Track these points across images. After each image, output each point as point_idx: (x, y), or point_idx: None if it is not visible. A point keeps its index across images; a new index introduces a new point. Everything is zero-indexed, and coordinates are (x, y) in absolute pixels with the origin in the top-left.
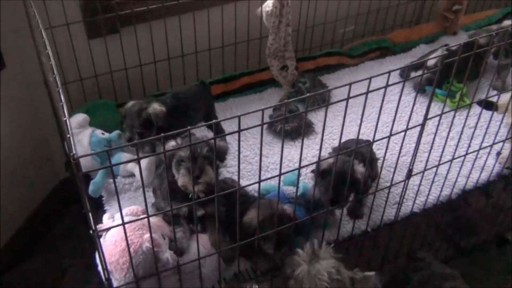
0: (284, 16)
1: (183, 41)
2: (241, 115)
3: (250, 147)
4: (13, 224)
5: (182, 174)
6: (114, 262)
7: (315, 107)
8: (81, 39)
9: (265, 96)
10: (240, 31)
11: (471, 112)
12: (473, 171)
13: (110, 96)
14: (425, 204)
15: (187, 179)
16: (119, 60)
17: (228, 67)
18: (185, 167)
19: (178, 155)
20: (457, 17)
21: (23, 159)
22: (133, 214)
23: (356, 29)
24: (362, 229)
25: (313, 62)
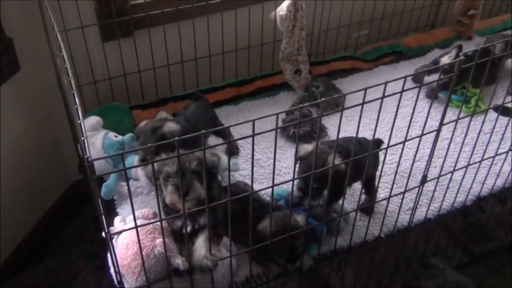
0: (298, 20)
1: (196, 45)
2: (255, 119)
3: (262, 151)
4: (25, 226)
5: (170, 191)
6: (126, 265)
7: (330, 111)
8: (95, 42)
9: (278, 100)
10: (253, 35)
11: (486, 118)
12: (488, 177)
13: (124, 99)
14: (439, 210)
15: (175, 197)
16: (132, 63)
17: (241, 70)
18: (172, 184)
19: (164, 171)
20: (472, 22)
21: (36, 161)
22: (144, 217)
23: (370, 33)
24: (375, 235)
25: (327, 66)
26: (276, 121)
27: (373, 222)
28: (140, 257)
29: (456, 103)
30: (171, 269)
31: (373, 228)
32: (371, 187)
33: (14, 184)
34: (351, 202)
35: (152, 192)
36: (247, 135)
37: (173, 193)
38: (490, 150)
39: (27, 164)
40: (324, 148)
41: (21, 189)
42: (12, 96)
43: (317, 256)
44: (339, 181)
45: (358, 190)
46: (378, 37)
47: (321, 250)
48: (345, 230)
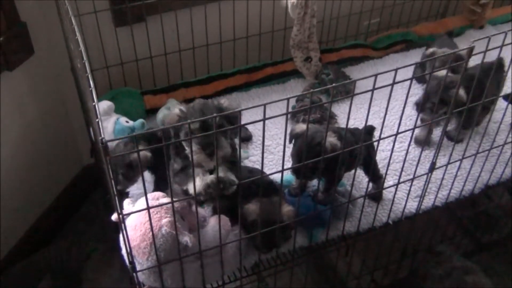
0: (309, 7)
1: (208, 31)
2: (266, 104)
3: (272, 137)
4: (38, 208)
5: (196, 151)
6: (135, 246)
7: (340, 97)
8: (108, 27)
9: (288, 87)
10: (264, 22)
11: (497, 107)
12: (497, 166)
13: (135, 84)
14: (447, 198)
15: (202, 156)
16: (144, 49)
17: (252, 57)
18: (197, 143)
19: (185, 126)
20: (484, 11)
21: (49, 145)
22: (154, 199)
23: (381, 21)
24: (383, 221)
25: (337, 54)
26: (287, 105)
27: (381, 209)
28: (148, 237)
29: None
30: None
31: (381, 215)
32: (375, 174)
33: (27, 168)
34: (359, 189)
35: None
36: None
37: (199, 153)
38: (500, 139)
39: (40, 148)
40: (321, 128)
41: (34, 173)
42: (25, 80)
43: (324, 241)
44: (333, 162)
45: (366, 177)
46: (389, 25)
47: (329, 235)
48: (353, 215)
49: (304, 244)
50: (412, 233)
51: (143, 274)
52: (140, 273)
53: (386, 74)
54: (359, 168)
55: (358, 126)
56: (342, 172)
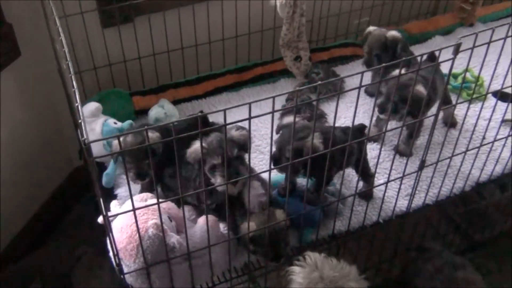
0: (298, 6)
1: (196, 31)
2: (252, 102)
3: (262, 137)
4: (28, 211)
5: (220, 182)
6: (122, 248)
7: (327, 95)
8: (96, 28)
9: (279, 86)
10: (254, 21)
11: (486, 104)
12: (488, 163)
13: (124, 85)
14: (438, 196)
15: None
16: (133, 49)
17: (241, 57)
18: (220, 175)
19: (209, 161)
20: (475, 8)
21: (38, 147)
22: (142, 201)
23: (371, 20)
24: (373, 220)
25: (327, 53)
26: (273, 104)
27: (371, 208)
28: (135, 239)
29: (456, 91)
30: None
31: (372, 213)
32: (365, 173)
33: (16, 170)
34: (349, 187)
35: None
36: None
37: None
38: (490, 136)
39: (29, 150)
40: (311, 125)
41: (23, 175)
42: (12, 82)
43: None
44: (322, 162)
45: (356, 175)
46: (379, 24)
47: (319, 235)
48: (343, 214)
49: (294, 245)
50: (404, 232)
51: (131, 277)
52: (128, 275)
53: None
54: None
55: (349, 125)
56: (333, 172)
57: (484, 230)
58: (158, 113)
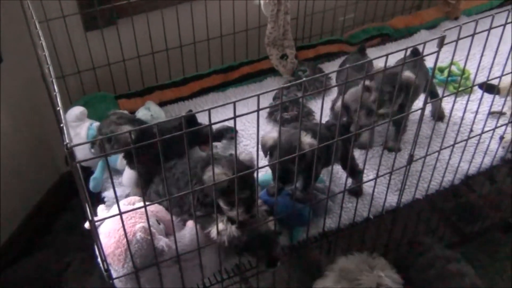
0: (283, 4)
1: (181, 32)
2: (236, 101)
3: (250, 136)
4: (15, 219)
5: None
6: (110, 253)
7: (312, 92)
8: (78, 31)
9: (265, 85)
10: (238, 21)
11: (473, 97)
12: (476, 156)
13: (109, 88)
14: (427, 190)
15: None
16: (117, 52)
17: (227, 57)
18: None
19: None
20: (459, 2)
21: (24, 153)
22: (130, 204)
23: (356, 16)
24: (364, 216)
25: (313, 50)
26: (258, 102)
27: (361, 204)
28: (123, 244)
29: (442, 84)
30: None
31: (362, 210)
32: (353, 169)
33: (2, 178)
34: (339, 184)
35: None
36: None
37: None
38: (477, 129)
39: (15, 157)
40: (293, 130)
41: (10, 183)
42: None
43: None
44: (312, 160)
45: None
46: (364, 19)
47: (310, 233)
48: (333, 211)
49: (285, 244)
50: (395, 227)
51: (120, 281)
52: (117, 280)
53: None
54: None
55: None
56: (319, 169)
57: (475, 223)
58: (145, 115)
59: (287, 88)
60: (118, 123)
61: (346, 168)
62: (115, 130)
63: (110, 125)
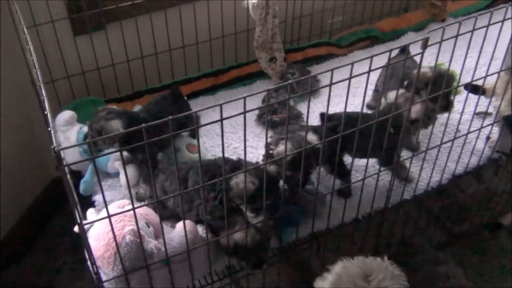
0: (271, 8)
1: (169, 36)
2: (222, 103)
3: (239, 139)
4: (6, 224)
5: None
6: (100, 257)
7: (299, 93)
8: (67, 36)
9: (255, 88)
10: (227, 24)
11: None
12: (463, 156)
13: (99, 92)
14: (415, 190)
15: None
16: (106, 56)
17: (216, 60)
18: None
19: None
20: (445, 4)
21: (15, 158)
22: (120, 207)
23: (344, 19)
24: (352, 217)
25: (302, 53)
26: (244, 104)
27: (350, 205)
28: (112, 247)
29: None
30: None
31: (351, 211)
32: (341, 170)
33: None
34: (328, 186)
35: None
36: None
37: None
38: (464, 129)
39: (5, 162)
40: (298, 134)
41: (0, 187)
42: None
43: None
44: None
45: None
46: (352, 22)
47: (299, 235)
48: (322, 213)
49: (275, 245)
50: (384, 228)
51: (110, 284)
52: (107, 283)
53: (354, 69)
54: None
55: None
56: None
57: (463, 222)
58: None
59: (276, 90)
60: (108, 118)
61: (333, 171)
62: (105, 125)
63: (100, 121)
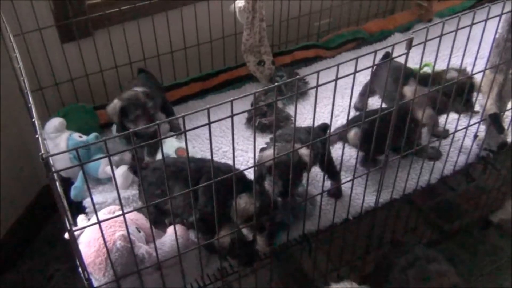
0: (258, 11)
1: (157, 41)
2: (210, 107)
3: (229, 142)
4: None
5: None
6: (91, 263)
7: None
8: (55, 43)
9: (244, 92)
10: (214, 28)
11: None
12: (452, 154)
13: (88, 99)
14: (404, 190)
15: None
16: (94, 63)
17: (205, 65)
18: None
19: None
20: (431, 4)
21: (5, 166)
22: (110, 213)
23: (331, 21)
24: (343, 217)
25: (290, 56)
26: (231, 108)
27: (340, 205)
28: (103, 253)
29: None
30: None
31: (341, 211)
32: (331, 170)
33: None
34: (318, 187)
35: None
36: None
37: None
38: (451, 128)
39: None
40: (284, 144)
41: None
42: None
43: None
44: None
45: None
46: (339, 24)
47: (291, 236)
48: (313, 214)
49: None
50: (374, 227)
51: None
52: None
53: (342, 71)
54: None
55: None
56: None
57: (454, 220)
58: None
59: (265, 93)
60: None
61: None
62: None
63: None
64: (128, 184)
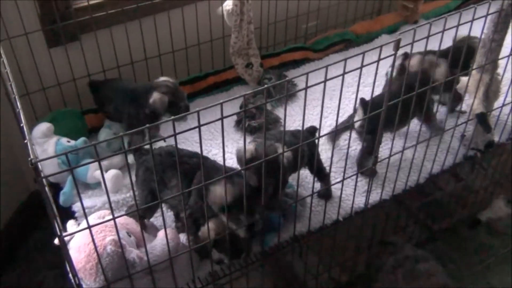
0: (245, 14)
1: (145, 45)
2: (200, 110)
3: (219, 145)
4: None
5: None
6: (81, 268)
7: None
8: (42, 48)
9: (232, 94)
10: (202, 32)
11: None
12: (440, 154)
13: (75, 104)
14: (394, 190)
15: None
16: (82, 67)
17: (193, 68)
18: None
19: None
20: (417, 6)
21: None
22: (100, 218)
23: (318, 23)
24: (333, 218)
25: (278, 58)
26: (221, 110)
27: (330, 206)
28: (93, 258)
29: None
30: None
31: (331, 212)
32: (321, 172)
33: None
34: (308, 188)
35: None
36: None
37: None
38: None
39: None
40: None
41: None
42: None
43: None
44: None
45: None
46: (326, 26)
47: (281, 238)
48: (303, 215)
49: (257, 250)
50: (365, 228)
51: None
52: None
53: (331, 73)
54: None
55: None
56: (288, 176)
57: (443, 219)
58: (108, 135)
59: (254, 96)
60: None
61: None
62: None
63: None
64: (118, 188)
